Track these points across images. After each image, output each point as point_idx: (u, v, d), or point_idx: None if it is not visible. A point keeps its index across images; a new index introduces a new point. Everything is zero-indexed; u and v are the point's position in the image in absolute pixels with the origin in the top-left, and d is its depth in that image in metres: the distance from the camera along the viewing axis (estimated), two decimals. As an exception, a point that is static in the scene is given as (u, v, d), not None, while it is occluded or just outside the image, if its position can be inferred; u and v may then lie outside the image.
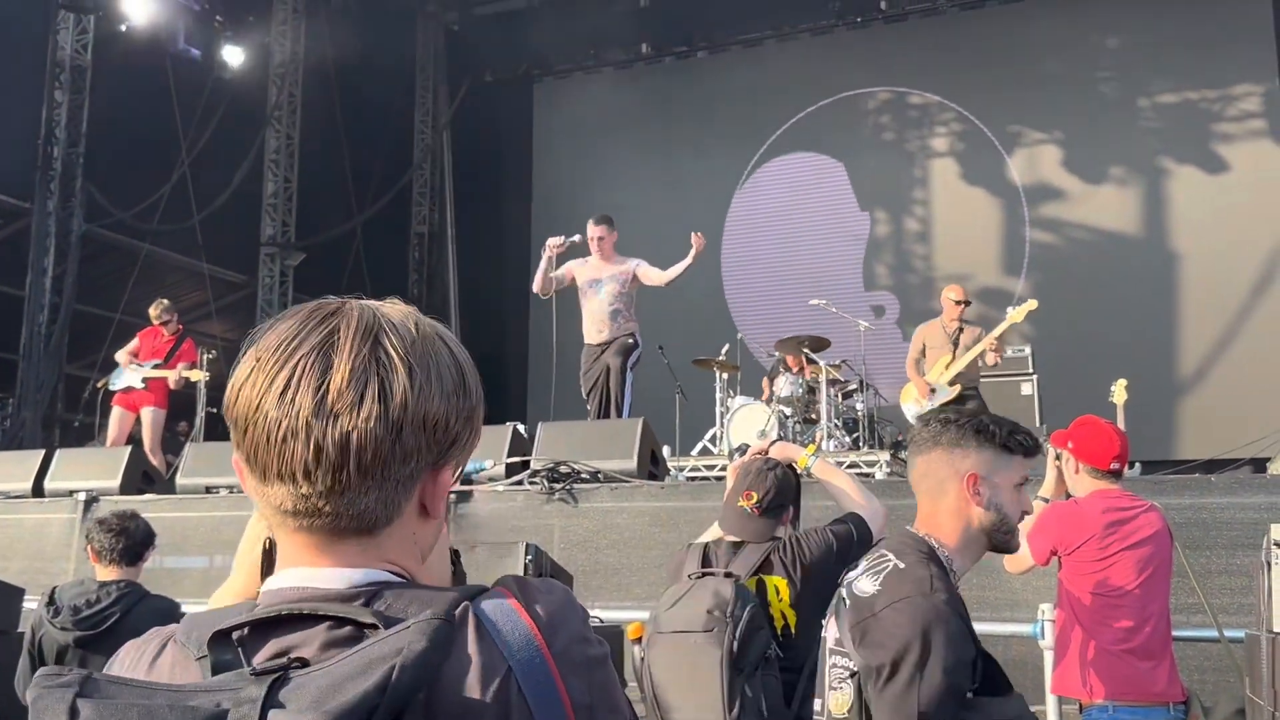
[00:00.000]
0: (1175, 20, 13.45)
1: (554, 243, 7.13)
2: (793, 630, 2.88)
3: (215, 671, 0.87)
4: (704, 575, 2.87)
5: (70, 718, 0.79)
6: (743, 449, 3.36)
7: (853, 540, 2.98)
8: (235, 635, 0.89)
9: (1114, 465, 3.35)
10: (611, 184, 15.83)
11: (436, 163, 17.27)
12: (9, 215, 11.92)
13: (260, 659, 0.86)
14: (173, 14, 12.69)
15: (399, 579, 0.93)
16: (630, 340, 7.22)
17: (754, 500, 2.99)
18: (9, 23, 11.63)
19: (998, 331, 7.95)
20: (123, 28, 12.29)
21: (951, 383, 7.94)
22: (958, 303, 8.13)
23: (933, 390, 7.99)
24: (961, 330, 8.07)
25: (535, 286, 7.32)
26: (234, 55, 13.45)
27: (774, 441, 3.22)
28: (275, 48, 14.72)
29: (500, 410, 13.22)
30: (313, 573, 0.92)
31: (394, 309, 1.00)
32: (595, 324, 7.24)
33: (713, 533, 3.14)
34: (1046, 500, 3.50)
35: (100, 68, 12.36)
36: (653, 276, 7.39)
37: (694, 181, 15.36)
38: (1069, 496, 3.53)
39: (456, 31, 16.78)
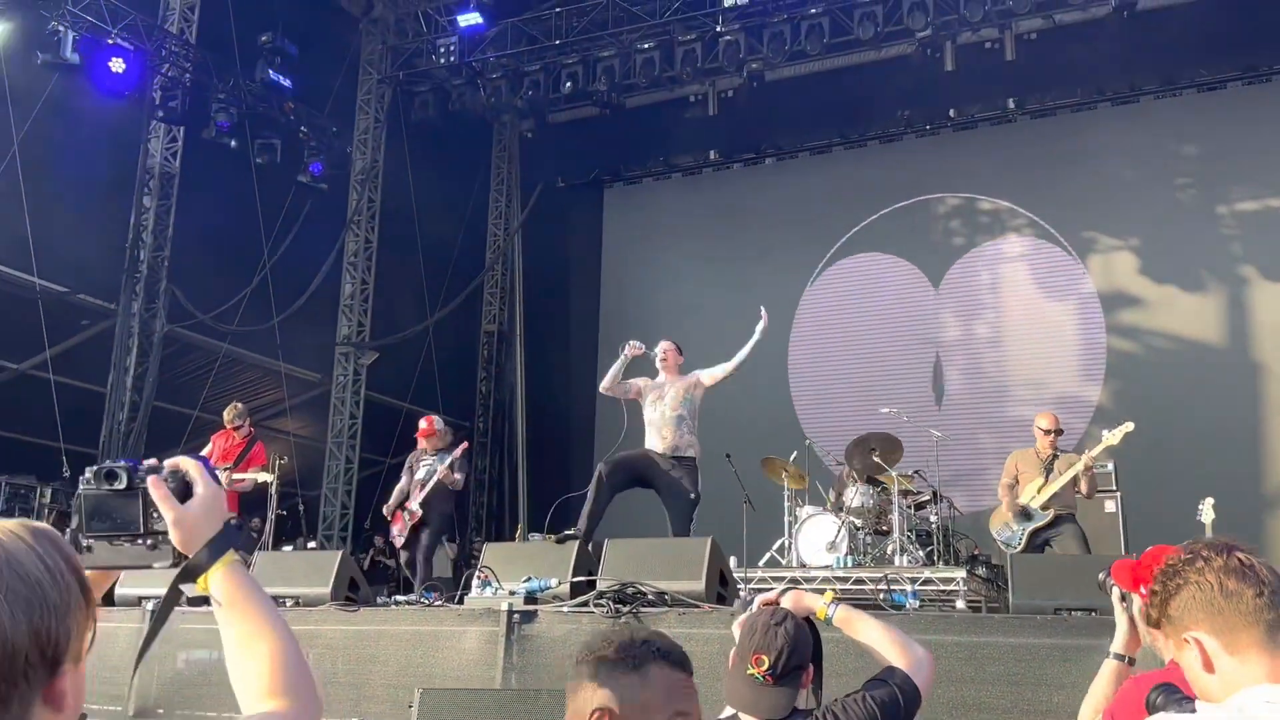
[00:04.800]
0: (1253, 127, 13.28)
1: (633, 345, 7.29)
2: None
3: None
4: None
5: None
6: (749, 600, 2.90)
7: (899, 705, 2.45)
8: None
9: None
10: (679, 286, 15.92)
11: (508, 264, 17.56)
12: (95, 316, 12.30)
13: None
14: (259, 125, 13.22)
15: None
16: (692, 478, 7.11)
17: (765, 665, 2.42)
18: (103, 132, 12.17)
19: (1094, 453, 7.57)
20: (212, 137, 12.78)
21: (1045, 506, 7.59)
22: (1047, 432, 7.79)
23: (1025, 511, 7.61)
24: (1056, 458, 7.72)
25: (603, 384, 7.40)
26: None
27: (785, 589, 2.71)
28: (357, 156, 15.21)
29: (564, 517, 13.12)
30: None
31: None
32: (658, 430, 7.22)
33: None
34: (1122, 658, 2.51)
35: (188, 174, 12.83)
36: (718, 372, 7.45)
37: (761, 285, 15.32)
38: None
39: (530, 138, 17.21)
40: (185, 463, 1.39)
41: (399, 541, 8.45)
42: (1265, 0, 12.65)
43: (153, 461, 1.40)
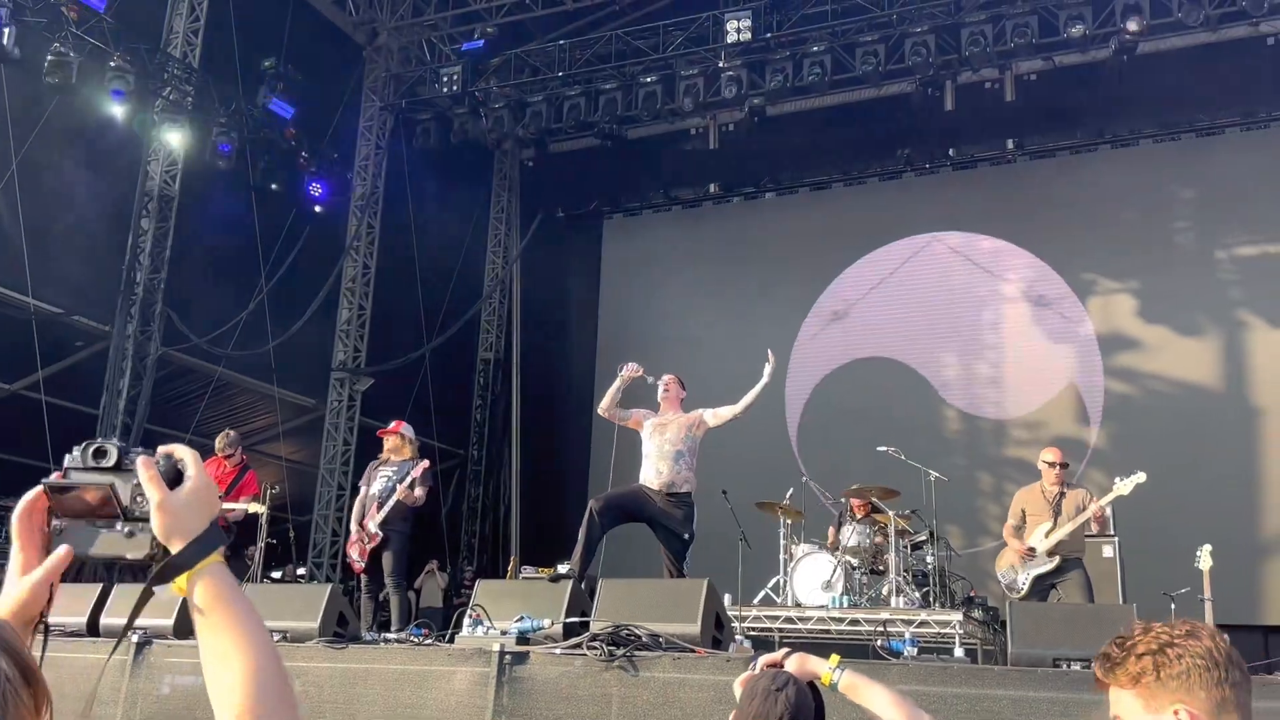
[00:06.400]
0: (1253, 172, 13.32)
1: (631, 367, 7.27)
2: None
3: None
4: None
5: None
6: (754, 660, 2.81)
7: None
8: None
9: None
10: (677, 318, 15.89)
11: (505, 293, 17.54)
12: (89, 337, 12.23)
13: None
14: (259, 150, 13.22)
15: None
16: (687, 514, 7.04)
17: None
18: (104, 154, 12.15)
19: (1104, 502, 7.49)
20: (216, 162, 12.76)
21: (1051, 552, 7.50)
22: (1053, 465, 7.70)
23: (1031, 551, 7.52)
24: (1063, 495, 7.60)
25: (601, 405, 7.36)
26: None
27: (790, 652, 2.65)
28: (357, 182, 15.21)
29: (558, 545, 13.02)
30: None
31: None
32: (655, 464, 7.13)
33: None
34: None
35: (187, 197, 12.80)
36: (724, 413, 7.31)
37: (759, 319, 15.34)
38: None
39: (530, 167, 17.23)
40: (181, 450, 1.25)
41: (358, 566, 7.89)
42: (1264, 48, 12.74)
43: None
